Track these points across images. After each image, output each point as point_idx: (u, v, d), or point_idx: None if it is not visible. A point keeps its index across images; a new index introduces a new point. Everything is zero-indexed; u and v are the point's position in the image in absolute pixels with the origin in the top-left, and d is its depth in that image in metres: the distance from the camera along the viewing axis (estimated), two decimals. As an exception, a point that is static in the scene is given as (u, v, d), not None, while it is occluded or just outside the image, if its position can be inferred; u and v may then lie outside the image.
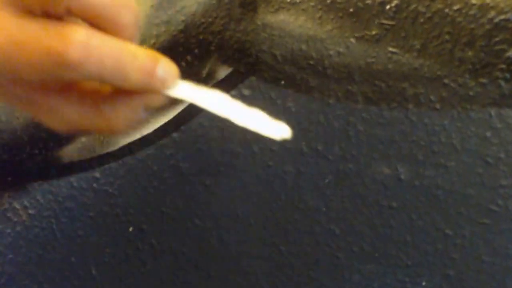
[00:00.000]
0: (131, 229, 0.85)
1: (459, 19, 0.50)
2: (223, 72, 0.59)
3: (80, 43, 0.32)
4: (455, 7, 0.50)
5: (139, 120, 0.37)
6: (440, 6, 0.50)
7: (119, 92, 0.36)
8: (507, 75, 0.54)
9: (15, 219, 0.66)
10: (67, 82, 0.36)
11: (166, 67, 0.36)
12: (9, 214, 0.65)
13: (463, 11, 0.50)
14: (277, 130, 0.38)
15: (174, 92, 0.37)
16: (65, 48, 0.32)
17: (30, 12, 0.32)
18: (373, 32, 0.53)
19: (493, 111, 0.58)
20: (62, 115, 0.36)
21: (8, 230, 0.67)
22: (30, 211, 0.65)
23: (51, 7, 0.32)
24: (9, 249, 0.69)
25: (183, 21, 0.55)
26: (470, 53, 0.51)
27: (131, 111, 0.37)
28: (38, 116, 0.37)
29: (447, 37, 0.51)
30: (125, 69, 0.34)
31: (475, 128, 0.60)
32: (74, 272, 0.84)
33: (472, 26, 0.50)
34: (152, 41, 0.55)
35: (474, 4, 0.50)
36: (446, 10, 0.50)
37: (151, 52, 0.36)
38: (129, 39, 0.35)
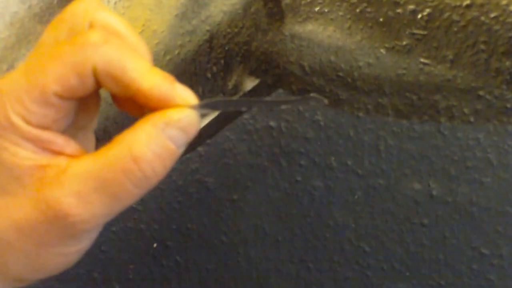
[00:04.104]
0: (155, 245, 0.85)
1: (496, 27, 0.48)
2: (250, 83, 0.58)
3: None
4: (492, 15, 0.48)
5: None
6: (475, 14, 0.48)
7: None
8: (547, 87, 0.52)
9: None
10: None
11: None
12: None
13: (501, 18, 0.48)
14: None
15: None
16: None
17: None
18: (404, 43, 0.51)
19: (531, 125, 0.57)
20: None
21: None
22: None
23: None
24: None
25: (208, 31, 0.54)
26: (507, 63, 0.50)
27: None
28: None
29: (482, 46, 0.49)
30: None
31: (512, 142, 0.58)
32: (97, 288, 0.84)
33: (511, 34, 0.48)
34: (177, 51, 0.54)
35: None
36: (482, 18, 0.48)
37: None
38: None
